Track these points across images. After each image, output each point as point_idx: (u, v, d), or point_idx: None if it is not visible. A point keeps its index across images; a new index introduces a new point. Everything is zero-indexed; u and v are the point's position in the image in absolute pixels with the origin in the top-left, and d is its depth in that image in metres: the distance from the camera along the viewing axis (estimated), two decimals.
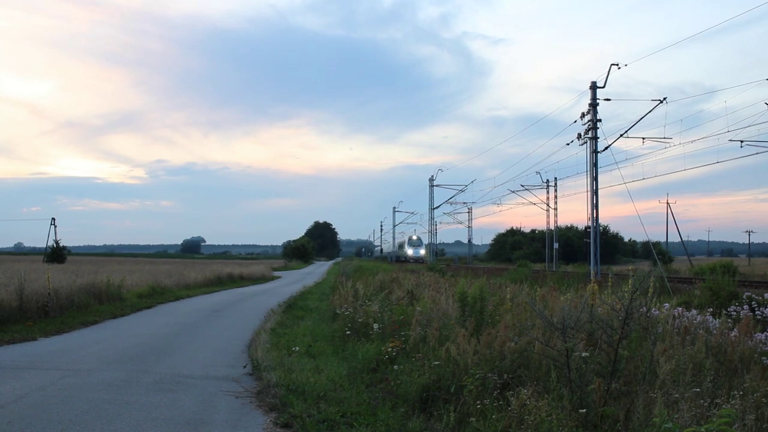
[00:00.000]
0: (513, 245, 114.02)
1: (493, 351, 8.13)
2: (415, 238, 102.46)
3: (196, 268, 45.21)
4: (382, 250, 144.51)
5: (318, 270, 76.47)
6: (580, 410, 6.12)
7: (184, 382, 9.83)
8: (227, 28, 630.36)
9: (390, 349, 10.26)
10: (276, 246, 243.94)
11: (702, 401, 5.91)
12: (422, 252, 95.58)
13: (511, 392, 6.83)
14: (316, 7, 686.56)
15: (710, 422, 4.98)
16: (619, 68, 27.63)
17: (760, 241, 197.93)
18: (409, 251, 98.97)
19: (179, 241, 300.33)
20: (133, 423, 7.45)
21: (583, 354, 6.93)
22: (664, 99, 28.07)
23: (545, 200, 62.77)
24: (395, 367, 9.28)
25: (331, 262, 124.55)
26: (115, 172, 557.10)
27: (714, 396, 6.21)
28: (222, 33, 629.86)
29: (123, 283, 25.03)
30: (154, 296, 25.83)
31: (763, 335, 8.53)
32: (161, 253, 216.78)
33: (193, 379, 10.09)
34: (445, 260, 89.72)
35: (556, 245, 61.68)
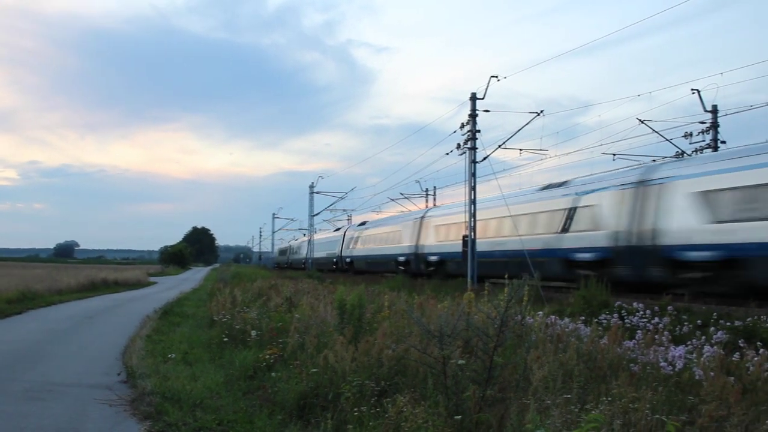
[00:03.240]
0: None
1: (371, 358, 8.12)
2: None
3: (69, 272, 43.17)
4: (260, 256, 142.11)
5: (195, 276, 74.90)
6: (456, 417, 6.16)
7: (56, 390, 9.40)
8: (106, 27, 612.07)
9: (268, 356, 10.10)
10: (153, 251, 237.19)
11: (572, 407, 6.06)
12: None
13: (388, 399, 6.81)
14: (199, 10, 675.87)
15: (579, 427, 5.11)
16: (498, 80, 28.17)
17: None
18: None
19: (52, 245, 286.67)
20: None
21: (460, 361, 6.99)
22: (542, 111, 28.84)
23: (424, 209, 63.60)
24: (273, 374, 9.13)
25: (209, 268, 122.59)
26: None
27: (584, 402, 6.37)
28: (100, 32, 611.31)
29: None
30: (25, 302, 24.47)
31: (632, 343, 8.87)
32: (33, 257, 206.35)
33: (65, 387, 9.66)
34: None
35: None
